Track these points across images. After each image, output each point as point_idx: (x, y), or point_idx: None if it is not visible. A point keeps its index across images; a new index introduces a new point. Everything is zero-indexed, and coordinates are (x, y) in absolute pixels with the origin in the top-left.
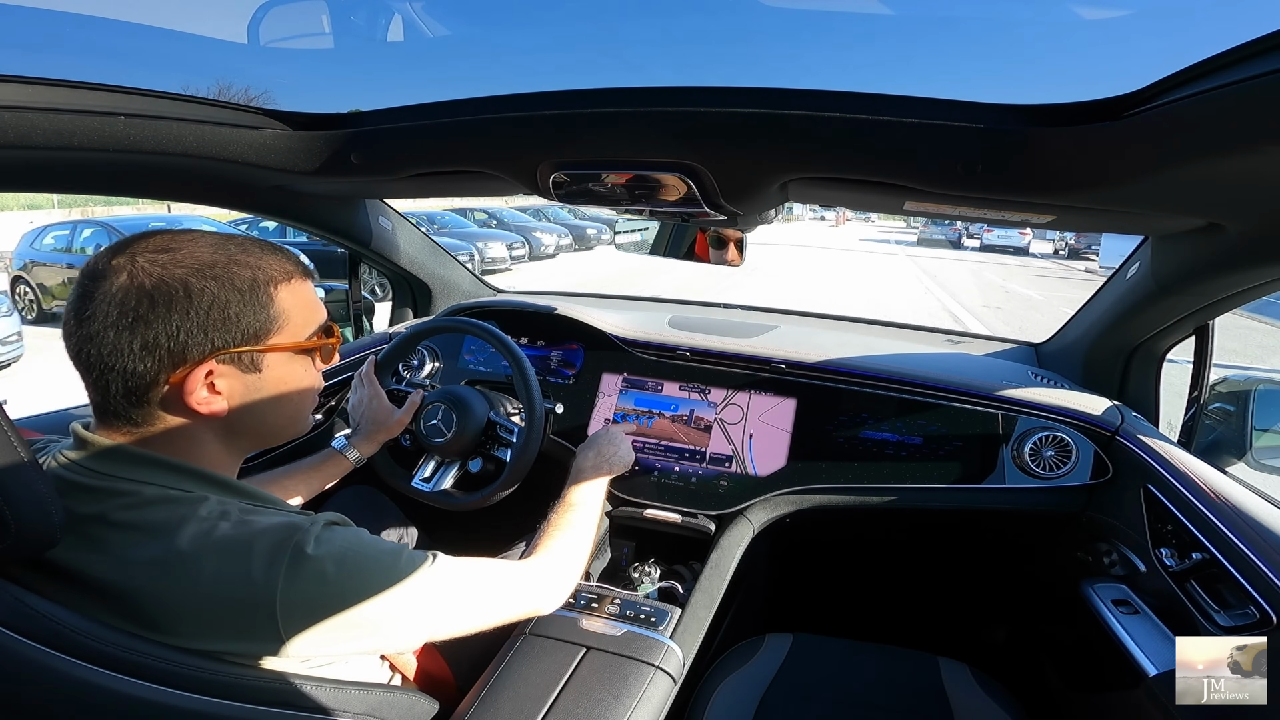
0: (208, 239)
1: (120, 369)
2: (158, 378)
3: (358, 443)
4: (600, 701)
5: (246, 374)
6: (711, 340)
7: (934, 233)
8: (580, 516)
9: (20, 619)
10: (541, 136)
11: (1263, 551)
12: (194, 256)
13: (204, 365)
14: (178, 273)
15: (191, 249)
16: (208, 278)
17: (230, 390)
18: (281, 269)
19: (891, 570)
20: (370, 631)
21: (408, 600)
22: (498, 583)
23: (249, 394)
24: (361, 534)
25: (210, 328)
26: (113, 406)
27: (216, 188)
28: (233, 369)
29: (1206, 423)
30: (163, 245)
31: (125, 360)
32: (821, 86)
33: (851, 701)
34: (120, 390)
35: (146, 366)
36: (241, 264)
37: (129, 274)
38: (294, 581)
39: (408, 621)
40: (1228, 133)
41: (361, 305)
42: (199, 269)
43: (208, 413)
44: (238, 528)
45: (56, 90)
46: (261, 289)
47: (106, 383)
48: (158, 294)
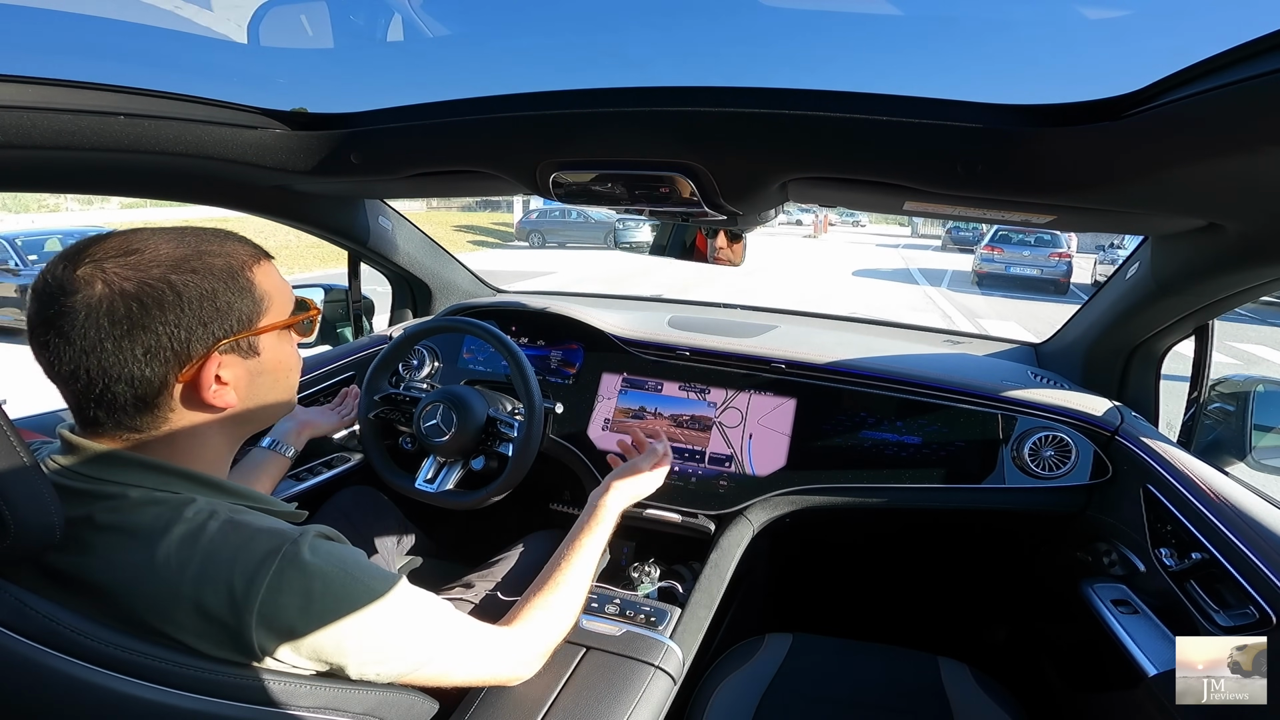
0: (164, 234)
1: (128, 378)
2: (167, 379)
3: (285, 436)
4: (600, 701)
5: (247, 360)
6: (711, 340)
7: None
8: (582, 568)
9: (20, 619)
10: (541, 136)
11: (1262, 551)
12: (162, 254)
13: (211, 358)
14: (155, 272)
15: (156, 247)
16: (187, 271)
17: (236, 379)
18: (247, 252)
19: (891, 570)
20: (343, 656)
21: (391, 631)
22: (482, 642)
23: (252, 379)
24: (354, 554)
25: (208, 320)
26: (116, 416)
27: (216, 188)
28: (235, 357)
29: (1206, 423)
30: (123, 248)
31: (130, 368)
32: (821, 86)
33: (851, 701)
34: (129, 399)
35: (154, 370)
36: (209, 253)
37: (104, 282)
38: (275, 595)
39: (387, 653)
40: (1228, 133)
41: (361, 305)
42: (174, 265)
43: (221, 405)
44: (225, 532)
45: (56, 90)
46: (239, 274)
47: (114, 394)
48: (145, 297)
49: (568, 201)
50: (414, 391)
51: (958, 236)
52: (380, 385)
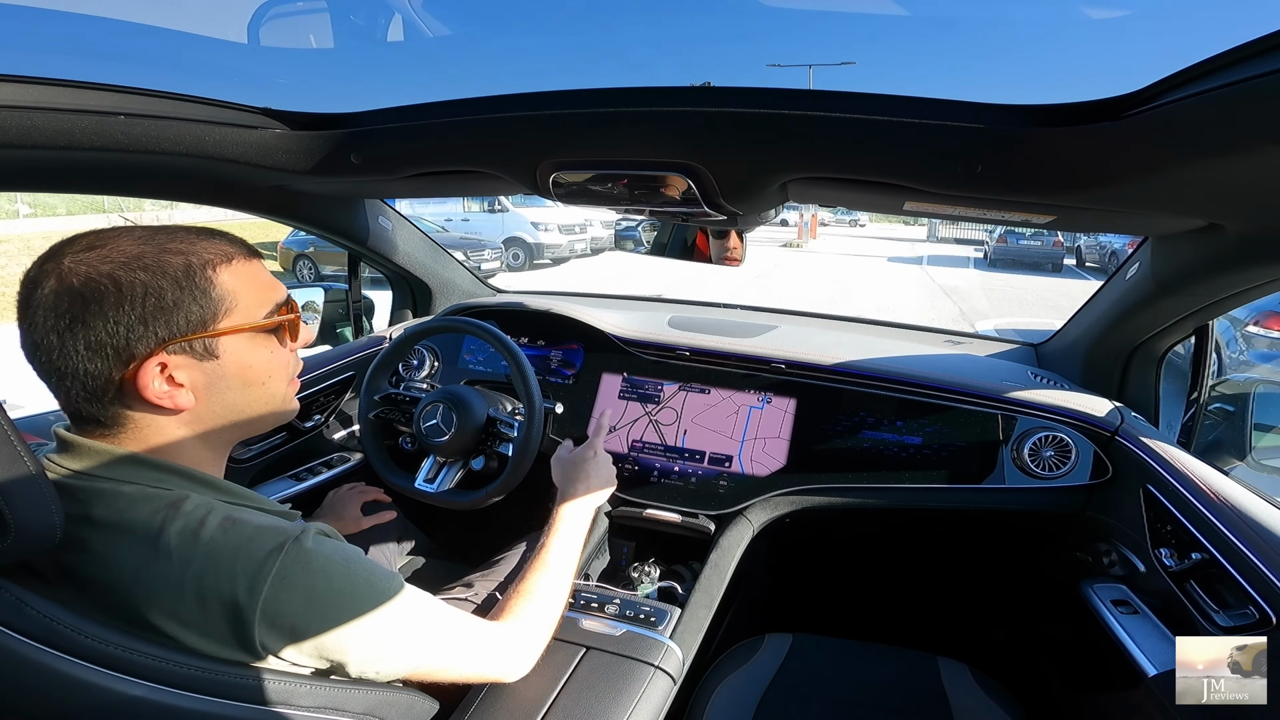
0: (136, 232)
1: (73, 372)
2: (111, 376)
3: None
4: (600, 701)
5: (204, 362)
6: (711, 340)
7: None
8: (563, 567)
9: (20, 618)
10: (541, 136)
11: (1262, 552)
12: (120, 250)
13: (153, 358)
14: (104, 268)
15: (118, 243)
16: (136, 269)
17: (192, 381)
18: (219, 251)
19: (891, 570)
20: (345, 653)
21: (392, 628)
22: (480, 639)
23: (212, 383)
24: (355, 551)
25: (149, 319)
26: (80, 410)
27: (216, 187)
28: (187, 359)
29: (1206, 423)
30: (89, 243)
31: (75, 362)
32: (821, 86)
33: (851, 701)
34: (80, 393)
35: (97, 367)
36: (172, 251)
37: (58, 276)
38: (279, 592)
39: (388, 649)
40: (1228, 133)
41: (361, 305)
42: (125, 262)
43: (173, 406)
44: (225, 529)
45: (56, 90)
46: (198, 273)
47: (67, 388)
48: (88, 292)
49: (567, 201)
50: (414, 391)
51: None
52: (380, 385)
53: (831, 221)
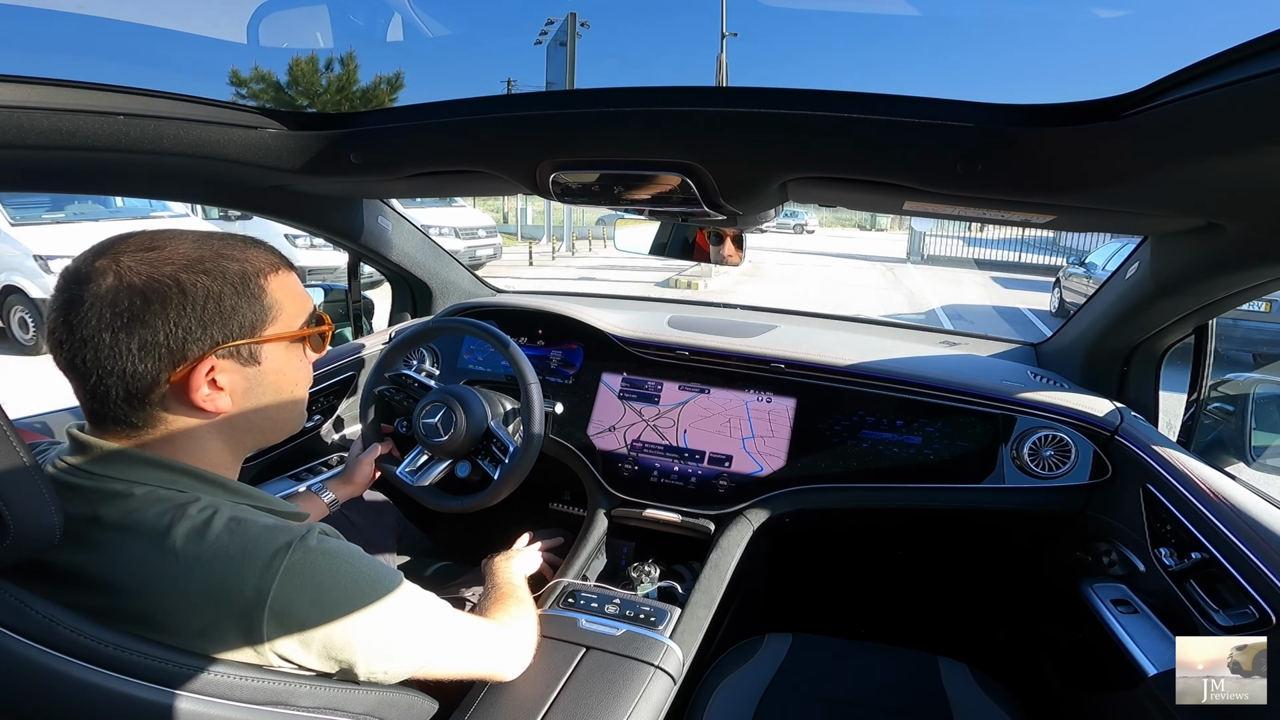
0: (190, 236)
1: (119, 371)
2: (158, 378)
3: (335, 486)
4: (600, 701)
5: (246, 367)
6: (711, 340)
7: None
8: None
9: (20, 619)
10: (541, 136)
11: (1262, 551)
12: (180, 253)
13: (205, 361)
14: (167, 269)
15: (176, 246)
16: (198, 272)
17: (232, 386)
18: (268, 260)
19: (891, 570)
20: (353, 653)
21: (399, 626)
22: (481, 638)
23: (250, 388)
24: (359, 550)
25: (209, 322)
26: (111, 411)
27: (216, 187)
28: (233, 363)
29: (1206, 423)
30: (146, 244)
31: (124, 362)
32: (821, 86)
33: (851, 701)
34: (120, 394)
35: (147, 367)
36: (229, 257)
37: (115, 274)
38: (287, 591)
39: (395, 648)
40: (1228, 133)
41: (361, 305)
42: (188, 264)
43: (213, 409)
44: (231, 529)
45: (56, 90)
46: (252, 280)
47: (106, 388)
48: (150, 292)
49: (567, 201)
50: (423, 378)
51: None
52: (394, 364)
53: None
